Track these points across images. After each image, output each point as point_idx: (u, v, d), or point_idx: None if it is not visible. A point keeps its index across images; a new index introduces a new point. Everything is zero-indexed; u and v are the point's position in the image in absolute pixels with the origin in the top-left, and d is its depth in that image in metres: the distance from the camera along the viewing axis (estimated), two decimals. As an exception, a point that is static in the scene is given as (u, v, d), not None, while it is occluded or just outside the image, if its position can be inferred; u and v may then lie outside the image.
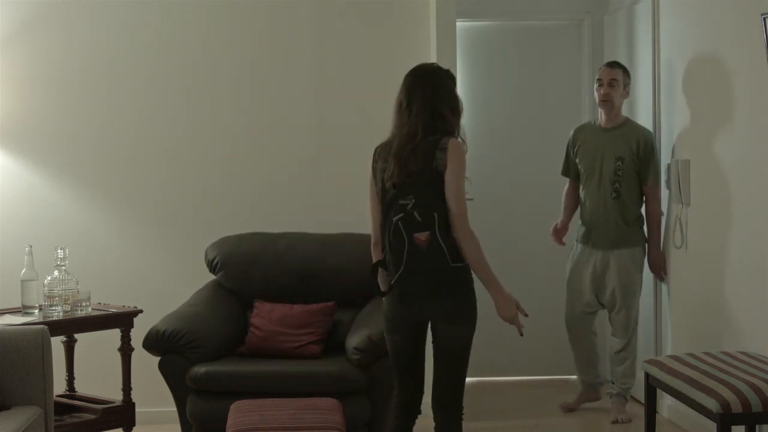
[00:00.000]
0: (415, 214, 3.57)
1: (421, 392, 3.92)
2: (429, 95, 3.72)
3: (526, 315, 3.77)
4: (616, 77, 5.48)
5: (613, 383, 5.57)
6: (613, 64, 5.57)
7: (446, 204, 3.62)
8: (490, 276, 3.71)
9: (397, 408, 3.91)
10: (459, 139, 3.74)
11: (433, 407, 3.83)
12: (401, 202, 3.60)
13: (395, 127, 3.79)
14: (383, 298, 3.84)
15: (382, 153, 3.81)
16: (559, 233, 5.79)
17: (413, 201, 3.59)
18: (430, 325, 3.81)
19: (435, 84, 3.75)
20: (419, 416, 3.96)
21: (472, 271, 3.72)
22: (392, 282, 3.65)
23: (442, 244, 3.58)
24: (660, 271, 5.49)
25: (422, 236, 3.56)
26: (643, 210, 5.54)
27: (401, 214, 3.58)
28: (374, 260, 3.85)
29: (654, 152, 5.44)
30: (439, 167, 3.64)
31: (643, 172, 5.42)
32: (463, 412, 3.82)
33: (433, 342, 3.81)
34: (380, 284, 3.83)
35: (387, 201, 3.66)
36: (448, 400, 3.77)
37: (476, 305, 3.76)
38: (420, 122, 3.70)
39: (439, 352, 3.77)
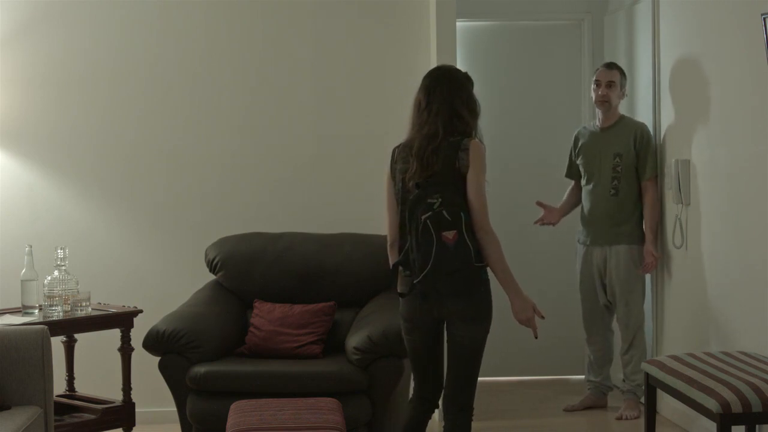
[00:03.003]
0: (444, 212, 3.62)
1: (440, 388, 3.94)
2: (448, 96, 3.79)
3: (543, 317, 3.80)
4: (613, 79, 5.56)
5: (624, 381, 5.60)
6: (611, 65, 5.64)
7: (468, 203, 3.68)
8: (509, 276, 3.75)
9: (415, 400, 3.95)
10: (478, 140, 3.79)
11: (444, 406, 3.85)
12: (429, 200, 3.64)
13: (414, 127, 3.83)
14: (401, 299, 3.85)
15: (401, 153, 3.85)
16: (549, 213, 5.69)
17: (440, 200, 3.63)
18: (446, 324, 3.83)
19: (454, 85, 3.82)
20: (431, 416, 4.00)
21: (489, 272, 3.76)
22: (416, 281, 3.68)
23: (469, 243, 3.63)
24: (647, 266, 5.45)
25: (450, 234, 3.61)
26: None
27: (429, 213, 3.62)
28: (391, 260, 3.87)
29: (651, 144, 5.49)
30: (462, 168, 3.71)
31: (641, 166, 5.47)
32: (473, 412, 3.85)
33: (447, 341, 3.84)
34: (399, 285, 3.84)
35: (412, 200, 3.68)
36: (460, 399, 3.80)
37: (492, 307, 3.79)
38: (440, 123, 3.75)
39: (454, 351, 3.79)
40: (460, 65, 6.02)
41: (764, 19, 4.20)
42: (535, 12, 6.51)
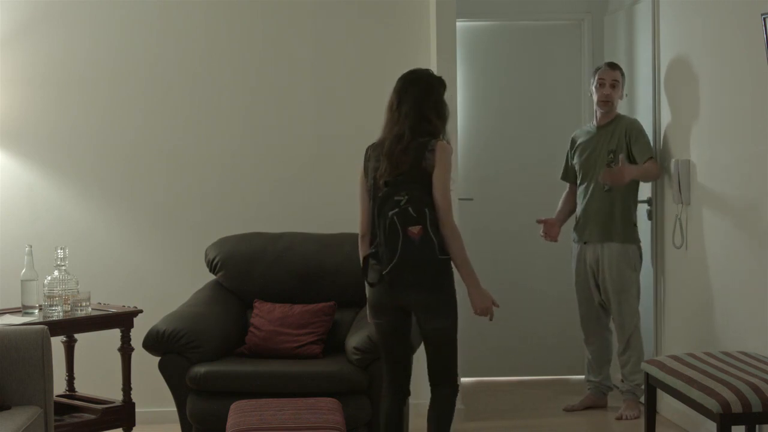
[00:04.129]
0: (410, 209, 3.85)
1: (408, 375, 4.16)
2: (418, 99, 4.00)
3: (497, 306, 4.05)
4: (617, 78, 5.59)
5: (623, 381, 5.60)
6: (614, 66, 5.65)
7: (433, 200, 3.89)
8: (469, 269, 3.98)
9: (388, 389, 4.15)
10: (445, 141, 3.99)
11: (429, 381, 4.08)
12: (396, 198, 3.87)
13: (386, 127, 4.06)
14: (369, 287, 4.06)
15: (373, 152, 4.08)
16: (550, 227, 5.70)
17: (406, 197, 3.86)
18: (414, 316, 4.03)
19: (425, 89, 4.03)
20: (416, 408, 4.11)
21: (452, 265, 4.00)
22: (384, 272, 3.90)
23: (433, 237, 3.86)
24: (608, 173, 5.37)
25: (415, 230, 3.85)
26: (638, 211, 5.58)
27: (396, 210, 3.86)
28: (361, 252, 4.10)
29: (642, 132, 5.49)
30: (428, 167, 3.92)
31: (636, 152, 5.45)
32: (458, 387, 4.10)
33: (420, 333, 4.06)
34: (369, 275, 4.03)
35: (381, 197, 3.91)
36: (441, 378, 4.05)
37: (456, 296, 3.99)
38: (407, 124, 3.97)
39: (427, 342, 4.03)
40: (460, 65, 6.05)
41: (764, 19, 4.20)
42: (535, 12, 6.51)
